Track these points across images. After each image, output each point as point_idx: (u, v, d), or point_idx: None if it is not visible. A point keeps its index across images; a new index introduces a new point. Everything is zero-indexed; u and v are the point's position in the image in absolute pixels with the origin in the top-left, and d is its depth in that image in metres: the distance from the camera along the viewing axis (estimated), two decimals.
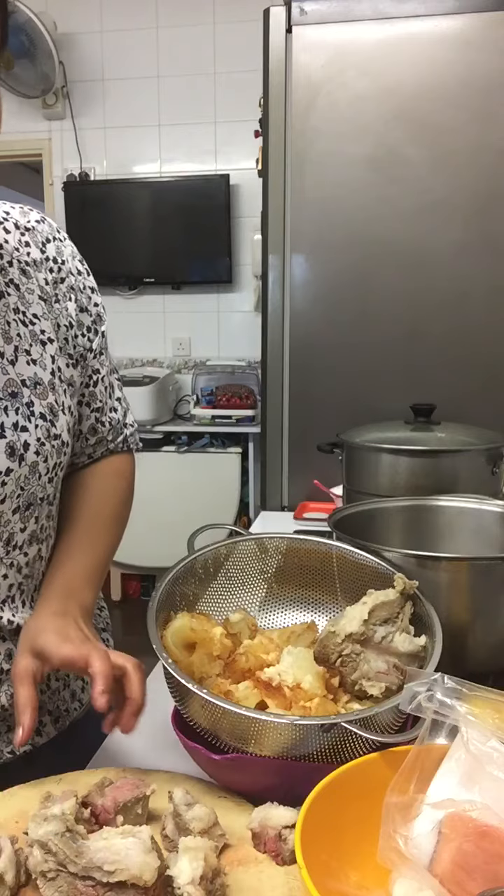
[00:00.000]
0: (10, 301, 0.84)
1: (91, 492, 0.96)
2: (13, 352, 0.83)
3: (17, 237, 0.87)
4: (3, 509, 0.81)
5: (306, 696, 0.73)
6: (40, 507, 0.86)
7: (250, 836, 0.66)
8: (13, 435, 0.81)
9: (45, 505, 0.86)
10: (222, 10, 3.79)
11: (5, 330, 0.83)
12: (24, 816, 0.69)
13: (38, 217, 0.91)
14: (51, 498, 0.88)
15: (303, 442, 1.93)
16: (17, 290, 0.85)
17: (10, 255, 0.86)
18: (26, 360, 0.84)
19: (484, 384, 1.86)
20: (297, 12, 1.80)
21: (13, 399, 0.81)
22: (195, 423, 3.85)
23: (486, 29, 1.75)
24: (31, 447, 0.82)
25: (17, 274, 0.86)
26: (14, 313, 0.84)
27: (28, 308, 0.86)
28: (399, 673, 0.77)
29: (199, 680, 0.77)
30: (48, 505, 0.87)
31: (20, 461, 0.81)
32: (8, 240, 0.87)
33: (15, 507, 0.82)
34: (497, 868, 0.54)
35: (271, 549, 0.94)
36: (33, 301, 0.87)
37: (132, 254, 3.99)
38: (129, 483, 1.01)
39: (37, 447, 0.83)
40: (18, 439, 0.81)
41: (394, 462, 1.36)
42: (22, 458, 0.81)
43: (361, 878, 0.58)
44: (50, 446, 0.85)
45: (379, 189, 1.84)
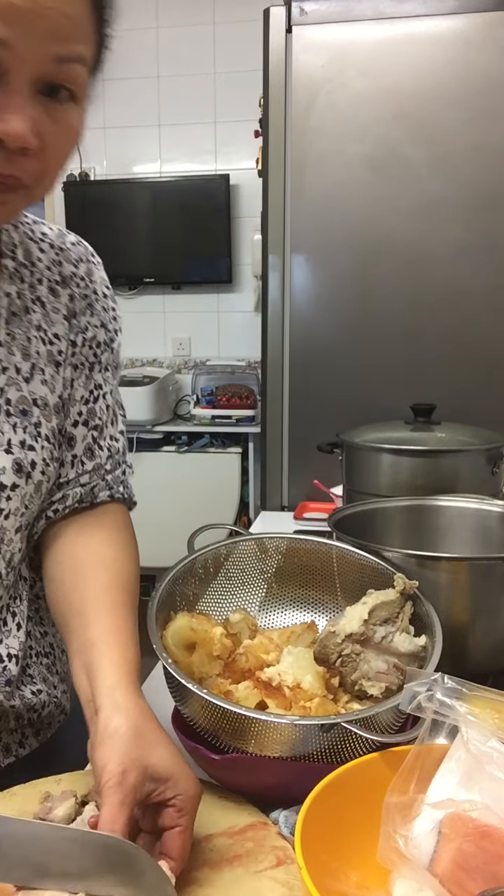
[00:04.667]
0: (33, 318, 0.83)
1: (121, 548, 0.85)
2: (30, 369, 0.81)
3: (51, 256, 0.87)
4: (7, 526, 0.79)
5: (306, 696, 0.73)
6: (37, 524, 0.85)
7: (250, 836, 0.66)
8: (20, 452, 0.79)
9: (42, 517, 0.86)
10: (222, 10, 3.79)
11: (25, 346, 0.81)
12: (24, 816, 0.69)
13: (75, 239, 0.91)
14: (47, 512, 0.86)
15: (303, 442, 1.93)
16: (42, 307, 0.84)
17: (42, 274, 0.85)
18: (40, 380, 0.82)
19: (484, 384, 1.86)
20: (297, 12, 1.80)
21: (23, 417, 0.80)
22: (195, 423, 3.85)
23: (486, 29, 1.75)
24: (38, 466, 0.81)
25: (46, 292, 0.85)
26: (36, 330, 0.83)
27: (51, 327, 0.84)
28: (399, 673, 0.77)
29: (199, 680, 0.77)
30: (45, 518, 0.86)
31: (27, 479, 0.79)
32: (42, 258, 0.86)
33: (18, 526, 0.81)
34: (497, 868, 0.54)
35: (271, 549, 0.94)
36: (57, 320, 0.85)
37: (132, 254, 3.99)
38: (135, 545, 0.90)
39: (42, 467, 0.81)
40: (26, 457, 0.79)
41: (394, 462, 1.36)
42: (29, 476, 0.80)
43: (361, 878, 0.58)
44: (52, 467, 0.83)
45: (379, 189, 1.84)
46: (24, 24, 0.59)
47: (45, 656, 0.91)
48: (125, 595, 0.78)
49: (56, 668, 0.92)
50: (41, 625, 0.92)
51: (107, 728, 0.63)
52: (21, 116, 0.61)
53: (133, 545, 0.88)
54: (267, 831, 0.67)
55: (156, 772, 0.60)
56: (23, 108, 0.61)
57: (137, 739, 0.62)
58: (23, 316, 0.82)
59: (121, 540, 0.86)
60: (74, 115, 0.66)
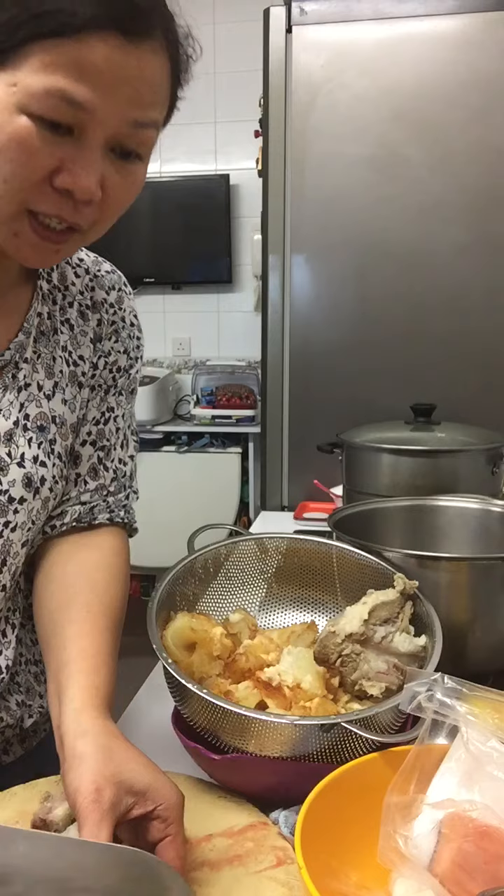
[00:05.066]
0: (60, 339, 0.84)
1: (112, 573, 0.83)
2: (52, 387, 0.83)
3: (84, 282, 0.88)
4: (14, 539, 0.80)
5: (306, 696, 0.73)
6: (38, 537, 0.85)
7: (250, 836, 0.66)
8: (32, 467, 0.80)
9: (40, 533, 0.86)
10: (222, 10, 3.79)
11: (49, 365, 0.83)
12: (24, 816, 0.69)
13: (110, 268, 0.92)
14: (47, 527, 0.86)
15: (303, 442, 1.93)
16: (70, 329, 0.85)
17: (73, 297, 0.86)
18: (61, 399, 0.84)
19: (484, 384, 1.86)
20: (297, 12, 1.80)
21: (40, 432, 0.81)
22: (195, 423, 3.85)
23: (486, 29, 1.75)
24: (47, 483, 0.81)
25: (75, 315, 0.86)
26: (62, 351, 0.84)
27: (76, 349, 0.86)
28: (399, 673, 0.77)
29: (199, 680, 0.77)
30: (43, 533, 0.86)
31: (35, 494, 0.80)
32: (75, 283, 0.87)
33: (24, 541, 0.81)
34: (497, 868, 0.54)
35: (271, 549, 0.94)
36: (84, 343, 0.86)
37: (132, 254, 3.99)
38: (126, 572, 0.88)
39: (51, 484, 0.82)
40: (37, 473, 0.80)
41: (394, 462, 1.36)
42: (37, 492, 0.80)
43: (361, 878, 0.58)
44: (60, 486, 0.84)
45: (379, 189, 1.84)
46: (107, 89, 0.61)
47: (34, 664, 0.91)
48: (107, 620, 0.76)
49: (43, 678, 0.92)
50: (32, 632, 0.92)
51: (73, 753, 0.61)
52: (91, 171, 0.64)
53: (125, 571, 0.86)
54: (267, 831, 0.67)
55: (132, 785, 0.58)
56: (94, 163, 0.64)
57: (107, 757, 0.60)
58: (50, 336, 0.83)
59: (113, 565, 0.85)
60: (140, 171, 0.70)
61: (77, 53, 0.59)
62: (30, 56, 0.60)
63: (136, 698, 0.97)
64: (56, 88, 0.60)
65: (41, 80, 0.60)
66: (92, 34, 0.59)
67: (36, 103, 0.60)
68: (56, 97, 0.60)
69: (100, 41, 0.60)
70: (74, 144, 0.63)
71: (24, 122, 0.61)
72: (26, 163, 0.62)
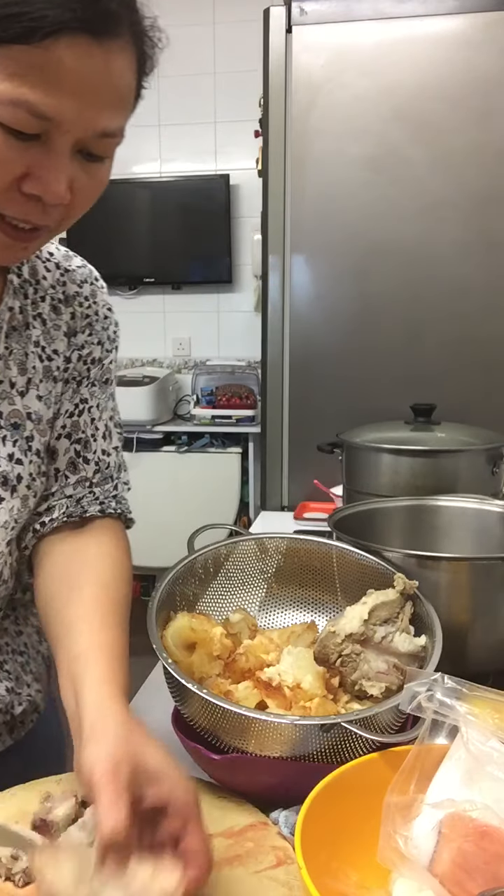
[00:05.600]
0: (33, 334, 0.83)
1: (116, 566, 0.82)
2: (25, 384, 0.82)
3: (55, 276, 0.87)
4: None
5: (306, 696, 0.73)
6: (26, 537, 0.85)
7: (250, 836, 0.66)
8: (7, 465, 0.79)
9: (30, 531, 0.85)
10: (222, 10, 3.79)
11: (22, 361, 0.82)
12: (24, 816, 0.69)
13: (80, 262, 0.91)
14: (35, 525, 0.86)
15: (303, 442, 1.93)
16: (43, 324, 0.84)
17: (45, 291, 0.86)
18: (36, 395, 0.83)
19: (484, 384, 1.86)
20: (297, 12, 1.80)
21: (14, 430, 0.80)
22: (195, 423, 3.85)
23: (486, 29, 1.75)
24: (24, 480, 0.81)
25: (48, 309, 0.85)
26: (34, 346, 0.83)
27: (50, 344, 0.85)
28: (399, 673, 0.77)
29: (199, 680, 0.77)
30: (32, 532, 0.86)
31: (13, 492, 0.80)
32: (47, 277, 0.86)
33: (8, 539, 0.82)
34: (497, 868, 0.54)
35: (271, 549, 0.94)
36: (57, 337, 0.85)
37: (132, 254, 3.99)
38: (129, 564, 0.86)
39: (29, 481, 0.82)
40: (12, 471, 0.80)
41: (394, 462, 1.36)
42: (14, 490, 0.80)
43: (361, 878, 0.58)
44: (39, 482, 0.84)
45: (379, 189, 1.84)
46: (75, 98, 0.60)
47: (19, 654, 0.92)
48: (116, 614, 0.75)
49: (30, 668, 0.93)
50: (16, 623, 0.94)
51: (94, 730, 0.59)
52: (61, 177, 0.63)
53: (127, 563, 0.85)
54: (267, 831, 0.67)
55: (148, 767, 0.56)
56: (63, 168, 0.63)
57: (127, 737, 0.58)
58: (22, 331, 0.82)
59: (115, 556, 0.83)
60: (106, 170, 0.69)
61: (44, 61, 0.58)
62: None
63: (136, 698, 0.97)
64: (23, 101, 0.59)
65: (7, 91, 0.58)
66: (59, 39, 0.57)
67: (2, 113, 0.59)
68: (23, 109, 0.59)
69: (68, 46, 0.58)
70: (42, 149, 0.62)
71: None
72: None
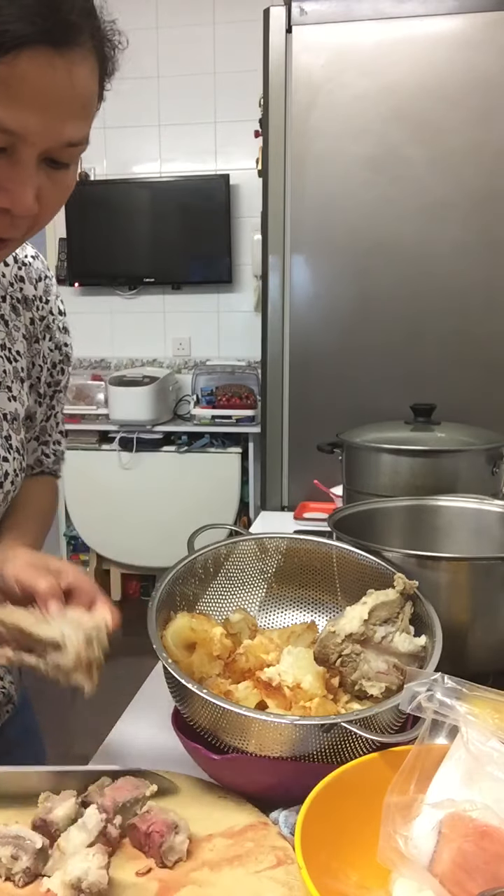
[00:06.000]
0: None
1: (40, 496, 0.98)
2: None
3: (13, 271, 0.88)
4: None
5: (306, 696, 0.73)
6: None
7: (250, 836, 0.66)
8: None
9: None
10: (222, 10, 3.79)
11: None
12: (24, 816, 0.69)
13: (34, 252, 0.92)
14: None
15: (303, 442, 1.93)
16: (5, 326, 0.86)
17: (5, 290, 0.87)
18: (7, 396, 0.86)
19: (484, 384, 1.86)
20: (297, 12, 1.80)
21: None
22: (195, 423, 3.85)
23: (486, 29, 1.75)
24: (9, 477, 0.86)
25: (8, 310, 0.87)
26: (1, 349, 0.85)
27: (13, 345, 0.87)
28: (399, 673, 0.77)
29: (199, 680, 0.77)
30: None
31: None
32: (5, 273, 0.87)
33: None
34: (497, 868, 0.54)
35: (271, 549, 0.94)
36: (18, 338, 0.88)
37: (132, 254, 3.99)
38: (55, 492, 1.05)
39: (13, 477, 0.86)
40: (0, 469, 0.84)
41: (394, 462, 1.36)
42: (0, 486, 0.84)
43: (361, 878, 0.58)
44: (20, 478, 0.89)
45: (379, 189, 1.84)
46: (39, 111, 0.60)
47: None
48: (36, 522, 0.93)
49: None
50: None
51: (5, 557, 0.75)
52: (28, 189, 0.63)
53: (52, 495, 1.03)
54: (267, 831, 0.67)
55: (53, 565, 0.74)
56: (29, 180, 0.63)
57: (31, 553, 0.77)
58: None
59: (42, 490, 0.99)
60: (71, 176, 0.69)
61: (8, 76, 0.57)
62: None
63: (136, 698, 0.97)
64: None
65: None
66: (21, 53, 0.57)
67: None
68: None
69: (30, 60, 0.58)
70: (7, 162, 0.62)
71: None
72: None
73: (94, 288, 4.09)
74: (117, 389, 3.70)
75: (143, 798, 0.67)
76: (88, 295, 4.13)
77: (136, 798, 0.66)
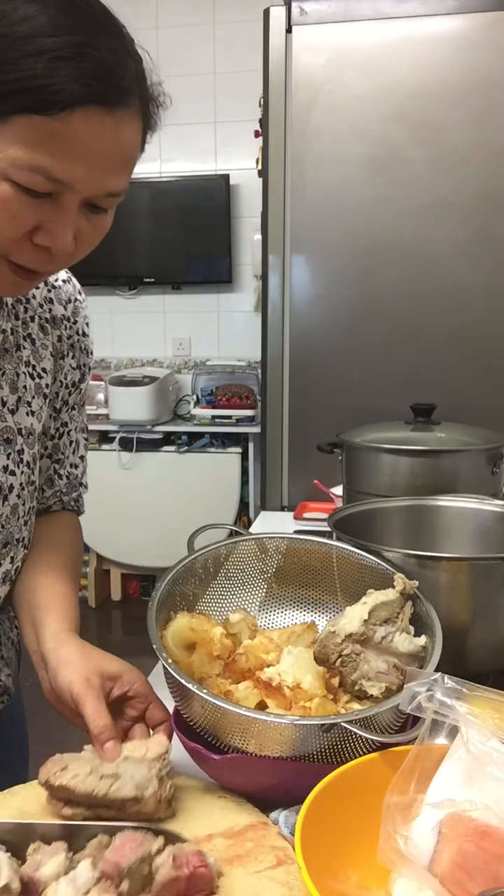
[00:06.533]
0: (23, 354, 0.88)
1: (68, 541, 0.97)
2: (16, 402, 0.87)
3: (43, 293, 0.91)
4: None
5: (306, 696, 0.73)
6: (16, 549, 0.89)
7: (250, 836, 0.66)
8: (2, 476, 0.85)
9: (20, 547, 0.90)
10: (222, 10, 3.79)
11: (13, 381, 0.87)
12: (24, 816, 0.69)
13: (66, 276, 0.95)
14: (25, 541, 0.91)
15: (303, 442, 1.93)
16: (32, 344, 0.89)
17: (34, 311, 0.90)
18: (26, 412, 0.88)
19: (484, 384, 1.86)
20: (297, 12, 1.80)
21: (7, 445, 0.86)
22: (195, 423, 3.85)
23: (486, 29, 1.75)
24: (15, 490, 0.87)
25: (36, 329, 0.90)
26: (25, 366, 0.88)
27: (39, 362, 0.90)
28: (399, 673, 0.77)
29: (199, 680, 0.77)
30: (23, 548, 0.91)
31: (3, 501, 0.86)
32: (35, 295, 0.91)
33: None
34: (497, 868, 0.54)
35: (271, 549, 0.94)
36: (45, 356, 0.91)
37: (132, 254, 3.99)
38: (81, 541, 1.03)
39: (19, 491, 0.87)
40: (6, 482, 0.85)
41: (394, 462, 1.36)
42: (6, 499, 0.86)
43: (361, 878, 0.58)
44: (28, 492, 0.89)
45: (379, 189, 1.84)
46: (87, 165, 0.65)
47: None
48: (69, 572, 0.91)
49: (1, 654, 0.97)
50: None
51: (58, 660, 0.76)
52: (69, 231, 0.69)
53: (78, 539, 1.01)
54: (267, 831, 0.67)
55: (109, 672, 0.75)
56: (70, 223, 0.68)
57: (86, 657, 0.76)
58: (13, 352, 0.87)
59: (68, 533, 0.99)
60: (109, 219, 0.74)
61: (61, 132, 0.62)
62: (14, 126, 0.63)
63: None
64: (40, 167, 0.63)
65: (25, 156, 0.63)
66: (76, 111, 0.62)
67: (19, 174, 0.64)
68: (39, 173, 0.64)
69: (83, 118, 0.63)
70: (52, 206, 0.67)
71: (6, 187, 0.64)
72: (8, 223, 0.67)
73: (94, 288, 4.09)
74: (117, 389, 3.71)
75: (150, 857, 0.60)
76: (88, 295, 4.05)
77: (141, 858, 0.60)
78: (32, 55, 0.61)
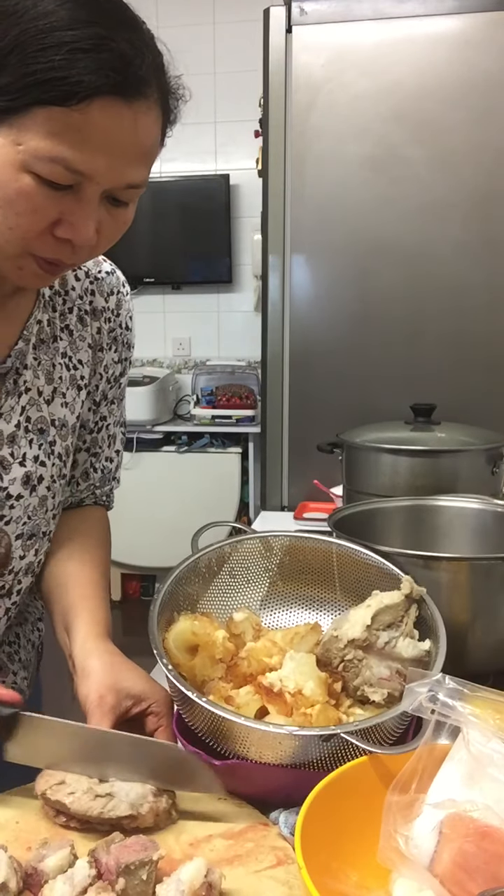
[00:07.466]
0: (60, 346, 0.88)
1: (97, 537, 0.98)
2: (51, 392, 0.87)
3: (84, 285, 0.91)
4: (8, 531, 0.84)
5: (307, 702, 0.72)
6: (41, 541, 0.89)
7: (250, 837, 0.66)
8: (32, 466, 0.85)
9: (45, 540, 0.90)
10: (222, 10, 3.79)
11: (49, 371, 0.87)
12: (24, 816, 0.69)
13: (110, 268, 0.95)
14: (50, 535, 0.91)
15: (303, 442, 1.93)
16: (70, 335, 0.89)
17: (73, 303, 0.90)
18: (61, 402, 0.88)
19: (484, 384, 1.86)
20: (297, 12, 1.80)
21: (40, 435, 0.86)
22: (195, 423, 3.85)
23: (486, 29, 1.75)
24: (45, 481, 0.87)
25: (75, 321, 0.90)
26: (62, 357, 0.88)
27: (76, 353, 0.90)
28: (402, 679, 0.76)
29: (201, 683, 0.77)
30: (48, 541, 0.91)
31: (32, 491, 0.86)
32: (75, 287, 0.91)
33: (19, 534, 0.86)
34: (497, 869, 0.54)
35: (275, 547, 0.94)
36: (82, 347, 0.91)
37: (132, 254, 3.98)
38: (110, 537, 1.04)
39: (49, 483, 0.88)
40: (36, 472, 0.86)
41: (394, 462, 1.36)
42: (34, 490, 0.86)
43: (361, 878, 0.58)
44: (59, 485, 0.89)
45: (379, 189, 1.84)
46: (107, 156, 0.66)
47: (8, 645, 0.96)
48: (99, 571, 0.93)
49: (19, 657, 0.97)
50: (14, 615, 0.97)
51: (84, 670, 0.78)
52: (90, 223, 0.69)
53: (107, 535, 1.01)
54: (267, 832, 0.67)
55: (129, 691, 0.76)
56: (92, 215, 0.69)
57: (109, 671, 0.77)
58: (50, 343, 0.87)
59: (97, 530, 0.99)
60: (130, 212, 0.75)
61: (80, 122, 0.63)
62: (35, 118, 0.63)
63: None
64: (60, 157, 0.64)
65: (46, 147, 0.64)
66: (94, 102, 0.63)
67: (40, 166, 0.65)
68: (60, 164, 0.65)
69: (101, 109, 0.63)
70: (74, 198, 0.68)
71: (28, 180, 0.65)
72: (31, 216, 0.67)
73: None
74: None
75: (152, 863, 0.61)
76: None
77: (142, 861, 0.60)
78: (51, 47, 0.61)
